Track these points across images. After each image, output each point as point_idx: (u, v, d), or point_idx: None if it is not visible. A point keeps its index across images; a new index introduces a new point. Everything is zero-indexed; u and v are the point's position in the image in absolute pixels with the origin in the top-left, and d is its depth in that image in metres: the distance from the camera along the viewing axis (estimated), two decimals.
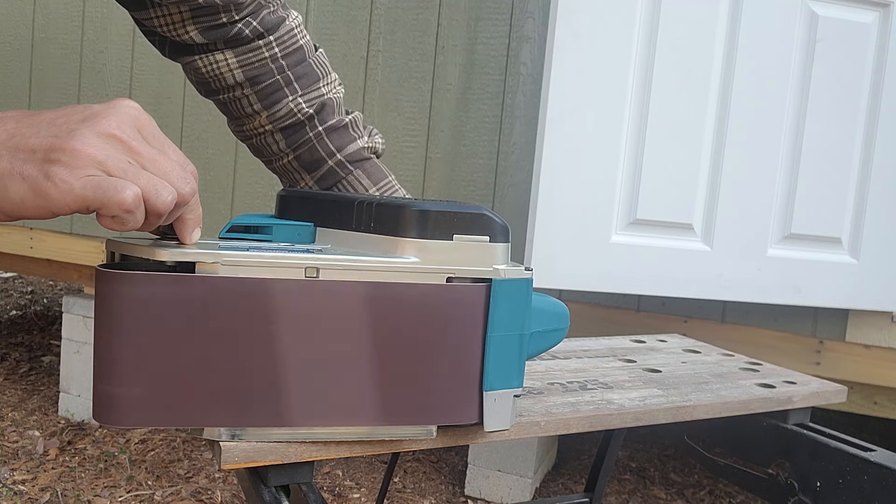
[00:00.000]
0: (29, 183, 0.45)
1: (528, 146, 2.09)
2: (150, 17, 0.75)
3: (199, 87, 0.82)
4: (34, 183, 0.45)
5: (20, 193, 0.45)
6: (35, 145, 0.45)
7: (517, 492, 2.22)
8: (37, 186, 0.45)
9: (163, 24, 0.75)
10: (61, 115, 0.48)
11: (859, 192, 1.88)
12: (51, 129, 0.46)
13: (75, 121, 0.47)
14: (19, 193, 0.45)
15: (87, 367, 2.59)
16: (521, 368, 0.64)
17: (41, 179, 0.45)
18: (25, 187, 0.45)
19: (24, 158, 0.45)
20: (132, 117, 0.49)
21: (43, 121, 0.47)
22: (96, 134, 0.46)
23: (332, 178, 0.82)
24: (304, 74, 0.80)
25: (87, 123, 0.47)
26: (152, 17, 0.74)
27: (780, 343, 2.03)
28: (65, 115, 0.48)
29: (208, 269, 0.53)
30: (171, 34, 0.75)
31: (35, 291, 4.51)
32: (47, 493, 2.10)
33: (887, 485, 0.84)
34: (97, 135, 0.46)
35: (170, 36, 0.76)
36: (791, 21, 1.80)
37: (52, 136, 0.46)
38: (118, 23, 2.53)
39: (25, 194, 0.45)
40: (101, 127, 0.47)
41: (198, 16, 0.74)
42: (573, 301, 1.97)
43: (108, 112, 0.48)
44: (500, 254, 0.61)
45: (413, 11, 2.22)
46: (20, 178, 0.45)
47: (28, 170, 0.45)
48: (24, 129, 0.46)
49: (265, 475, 0.61)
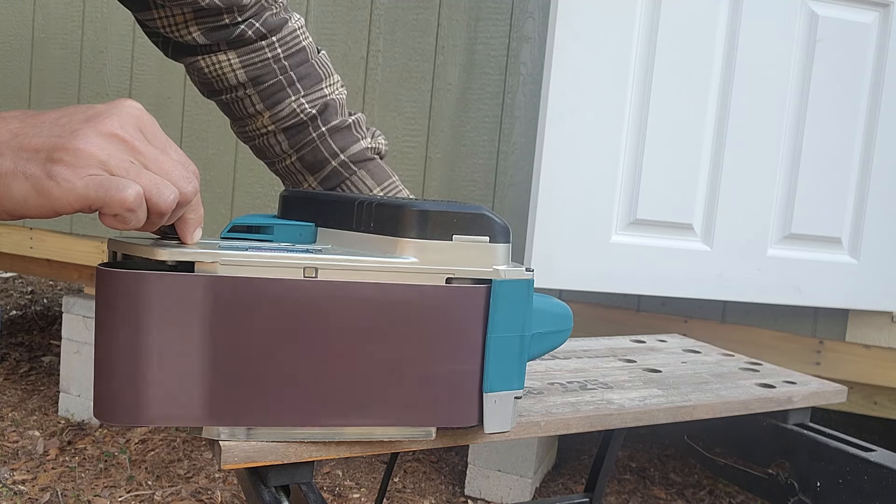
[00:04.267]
0: (32, 182, 0.45)
1: (528, 146, 2.09)
2: (154, 18, 0.75)
3: (202, 87, 0.82)
4: (37, 182, 0.45)
5: (23, 192, 0.45)
6: (38, 145, 0.46)
7: (517, 492, 2.22)
8: (39, 185, 0.45)
9: (166, 25, 0.75)
10: (64, 114, 0.48)
11: (859, 192, 1.88)
12: (53, 128, 0.47)
13: (78, 120, 0.47)
14: (22, 192, 0.45)
15: (87, 367, 2.59)
16: (522, 370, 0.64)
17: (44, 179, 0.45)
18: (28, 186, 0.45)
19: (27, 158, 0.45)
20: (135, 117, 0.49)
21: (46, 121, 0.47)
22: (99, 133, 0.47)
23: (335, 178, 0.82)
24: (306, 75, 0.80)
25: (90, 123, 0.47)
26: (155, 18, 0.75)
27: (780, 343, 2.03)
28: (67, 115, 0.48)
29: (207, 268, 0.53)
30: (174, 35, 0.76)
31: (35, 291, 4.51)
32: (47, 493, 2.10)
33: (887, 485, 0.84)
34: (100, 134, 0.47)
35: (173, 36, 0.76)
36: (791, 21, 1.80)
37: (55, 136, 0.46)
38: (118, 23, 2.53)
39: (28, 193, 0.45)
40: (103, 126, 0.47)
41: (200, 17, 0.74)
42: (573, 301, 1.97)
43: (110, 112, 0.48)
44: (500, 254, 0.61)
45: (413, 11, 2.22)
46: (23, 177, 0.45)
47: (31, 169, 0.45)
48: (28, 129, 0.46)
49: (265, 475, 0.61)
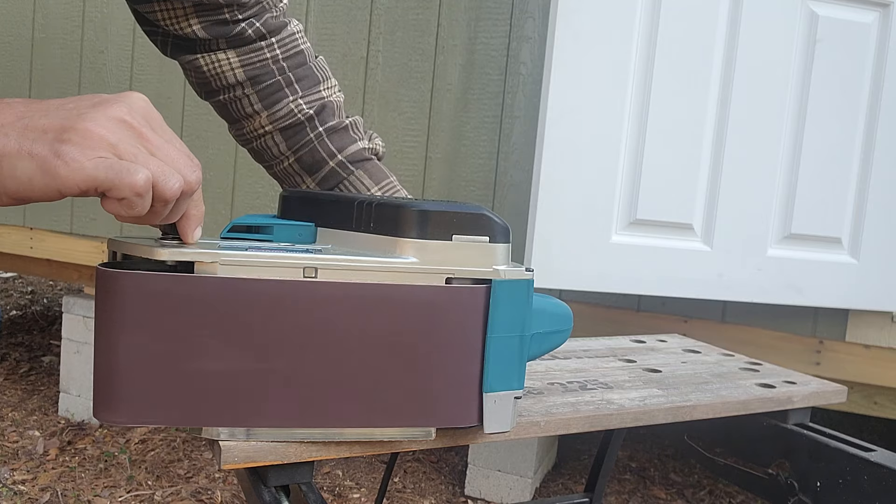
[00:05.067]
0: (38, 162, 0.45)
1: (528, 146, 2.09)
2: (154, 11, 0.75)
3: (200, 87, 0.82)
4: (43, 162, 0.45)
5: (28, 172, 0.45)
6: (45, 125, 0.46)
7: (517, 492, 2.22)
8: (46, 165, 0.45)
9: (166, 18, 0.75)
10: (71, 101, 0.48)
11: (859, 192, 1.88)
12: (60, 111, 0.47)
13: (86, 105, 0.48)
14: (27, 172, 0.45)
15: (87, 367, 2.59)
16: (522, 370, 0.64)
17: (51, 158, 0.45)
18: (34, 166, 0.45)
19: (33, 138, 0.45)
20: (142, 108, 0.50)
21: (52, 105, 0.48)
22: (108, 117, 0.47)
23: (333, 178, 0.82)
24: (304, 76, 0.81)
25: (99, 108, 0.47)
26: (156, 11, 0.75)
27: (780, 343, 2.03)
28: (74, 101, 0.48)
29: (207, 268, 0.53)
30: (174, 28, 0.76)
31: (35, 291, 4.51)
32: (47, 493, 2.10)
33: (887, 485, 0.84)
34: (109, 118, 0.47)
35: (172, 30, 0.76)
36: (791, 21, 1.80)
37: (63, 118, 0.46)
38: (118, 23, 2.53)
39: (34, 173, 0.45)
40: (111, 112, 0.47)
41: (201, 11, 0.74)
42: (573, 301, 1.97)
43: (118, 99, 0.49)
44: (500, 254, 0.61)
45: (413, 11, 2.22)
46: (28, 156, 0.45)
47: (38, 149, 0.45)
48: (33, 112, 0.47)
49: (265, 475, 0.61)
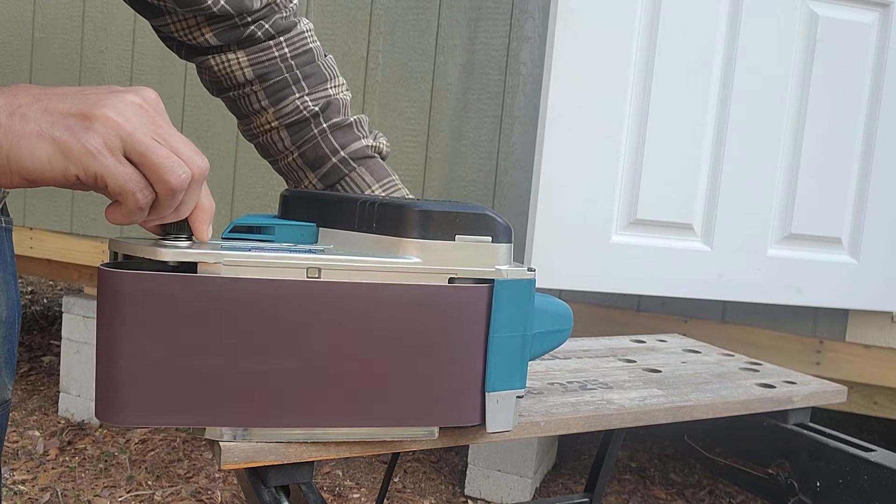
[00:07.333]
0: (59, 146, 0.46)
1: (528, 146, 2.09)
2: (167, 23, 0.78)
3: (211, 86, 0.84)
4: (65, 146, 0.46)
5: (48, 154, 0.46)
6: (64, 109, 0.47)
7: (517, 492, 2.22)
8: (67, 150, 0.46)
9: (179, 29, 0.78)
10: (86, 89, 0.50)
11: (859, 192, 1.88)
12: (78, 97, 0.48)
13: (103, 92, 0.49)
14: (47, 154, 0.46)
15: (87, 367, 2.59)
16: (524, 369, 0.64)
17: (73, 143, 0.46)
18: (55, 149, 0.46)
19: (52, 122, 0.47)
20: (153, 100, 0.52)
21: (69, 91, 0.49)
22: (126, 103, 0.49)
23: (335, 175, 0.83)
24: (312, 74, 0.82)
25: (116, 95, 0.49)
26: (168, 23, 0.78)
27: (780, 343, 2.03)
28: (91, 89, 0.50)
29: (210, 269, 0.53)
30: (188, 38, 0.79)
31: (35, 291, 4.51)
32: (47, 493, 2.10)
33: (887, 485, 0.84)
34: (126, 104, 0.49)
35: (186, 40, 0.79)
36: (791, 21, 1.80)
37: (82, 104, 0.48)
38: (118, 23, 2.53)
39: (53, 155, 0.46)
40: (128, 97, 0.49)
41: (213, 21, 0.76)
42: (573, 301, 1.97)
43: (132, 89, 0.51)
44: (502, 254, 0.61)
45: (413, 11, 2.22)
46: (49, 139, 0.46)
47: (58, 133, 0.46)
48: (51, 96, 0.48)
49: (265, 475, 0.61)
